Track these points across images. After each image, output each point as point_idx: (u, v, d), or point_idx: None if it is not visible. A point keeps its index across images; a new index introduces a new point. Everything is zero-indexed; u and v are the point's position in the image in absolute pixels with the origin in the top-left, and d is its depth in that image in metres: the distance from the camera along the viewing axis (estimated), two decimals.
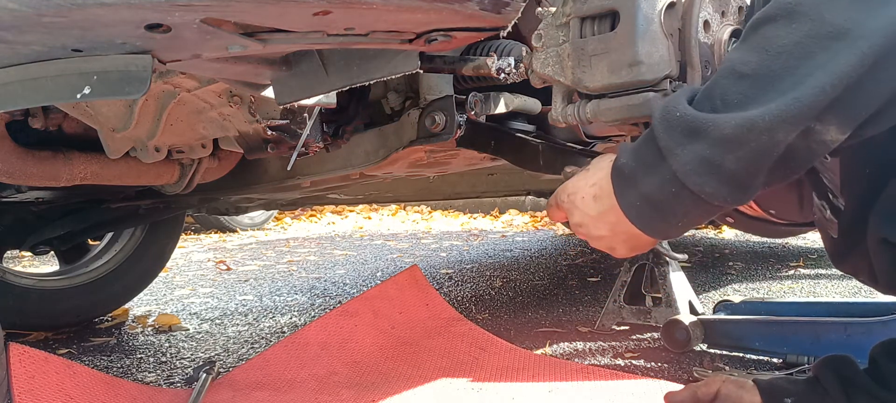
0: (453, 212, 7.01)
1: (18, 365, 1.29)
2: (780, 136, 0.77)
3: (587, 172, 0.98)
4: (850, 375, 1.11)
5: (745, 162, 0.79)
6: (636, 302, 1.98)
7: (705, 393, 1.22)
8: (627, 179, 0.89)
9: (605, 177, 0.93)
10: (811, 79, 0.76)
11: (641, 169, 0.86)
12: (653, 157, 0.85)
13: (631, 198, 0.88)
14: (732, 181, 0.80)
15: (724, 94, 0.80)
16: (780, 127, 0.76)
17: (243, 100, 1.35)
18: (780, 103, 0.76)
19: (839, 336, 1.55)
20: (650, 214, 0.87)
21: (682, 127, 0.81)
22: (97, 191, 1.99)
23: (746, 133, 0.77)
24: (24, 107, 1.22)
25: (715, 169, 0.80)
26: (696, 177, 0.81)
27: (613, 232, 0.94)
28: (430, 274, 3.25)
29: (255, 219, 5.98)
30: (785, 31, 0.78)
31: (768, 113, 0.76)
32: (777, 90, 0.77)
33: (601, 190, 0.93)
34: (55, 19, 0.81)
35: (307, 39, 0.95)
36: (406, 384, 1.55)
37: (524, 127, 1.49)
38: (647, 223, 0.89)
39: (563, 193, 1.01)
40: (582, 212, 0.97)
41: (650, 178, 0.85)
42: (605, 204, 0.93)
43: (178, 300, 2.83)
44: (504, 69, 1.14)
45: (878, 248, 0.90)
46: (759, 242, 3.93)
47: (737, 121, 0.78)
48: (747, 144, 0.78)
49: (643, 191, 0.86)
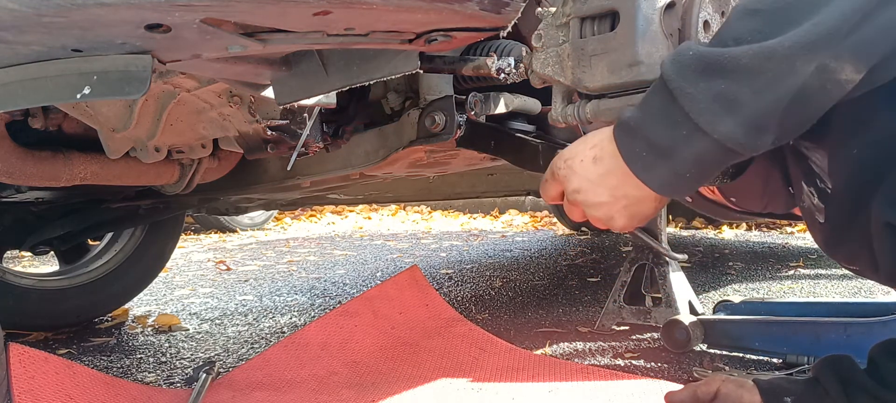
0: (453, 213, 7.01)
1: (18, 365, 1.29)
2: (798, 65, 0.74)
3: (588, 136, 0.94)
4: (850, 375, 1.11)
5: (763, 95, 0.76)
6: (636, 302, 1.98)
7: (705, 393, 1.22)
8: (633, 130, 0.84)
9: (606, 136, 0.89)
10: (828, 7, 0.74)
11: (649, 117, 0.83)
12: (662, 102, 0.81)
13: (637, 148, 0.84)
14: (748, 120, 0.77)
15: (736, 33, 0.78)
16: (799, 54, 0.74)
17: (243, 100, 1.35)
18: (799, 31, 0.74)
19: (839, 337, 1.55)
20: (657, 163, 0.83)
21: (694, 64, 0.78)
22: (97, 191, 1.99)
23: (765, 61, 0.75)
24: (24, 107, 1.22)
25: (730, 104, 0.76)
26: (711, 114, 0.77)
27: (614, 196, 0.89)
28: (430, 274, 3.25)
29: (255, 219, 5.98)
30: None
31: (787, 39, 0.74)
32: (793, 21, 0.75)
33: (602, 150, 0.89)
34: (55, 19, 0.81)
35: (307, 39, 0.95)
36: (406, 384, 1.55)
37: (524, 127, 1.49)
38: (654, 174, 0.84)
39: (560, 159, 0.95)
40: (580, 177, 0.91)
41: (659, 124, 0.81)
42: (606, 164, 0.88)
43: (178, 300, 2.83)
44: (504, 69, 1.14)
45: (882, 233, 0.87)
46: (759, 242, 3.93)
47: (755, 50, 0.75)
48: (765, 73, 0.75)
49: (650, 139, 0.82)
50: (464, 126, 1.37)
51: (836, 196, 0.92)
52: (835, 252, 0.99)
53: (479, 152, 1.47)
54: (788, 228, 4.45)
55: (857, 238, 0.91)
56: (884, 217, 0.85)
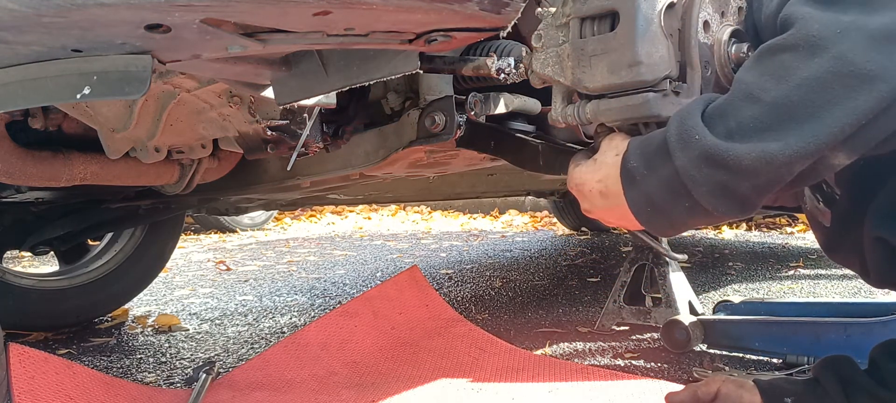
0: (453, 213, 7.01)
1: (18, 365, 1.29)
2: (796, 168, 0.81)
3: (594, 163, 1.01)
4: (849, 375, 1.11)
5: (760, 188, 0.84)
6: (636, 302, 1.98)
7: (705, 393, 1.22)
8: (638, 184, 0.92)
9: (610, 174, 0.96)
10: (830, 116, 0.78)
11: (654, 178, 0.89)
12: (667, 172, 0.87)
13: (641, 203, 0.92)
14: (744, 202, 0.85)
15: (739, 118, 0.83)
16: (797, 161, 0.80)
17: (243, 100, 1.35)
18: (799, 138, 0.79)
19: (839, 337, 1.55)
20: (658, 220, 0.92)
21: (700, 152, 0.84)
22: (97, 191, 1.99)
23: (765, 166, 0.80)
24: (23, 107, 1.22)
25: (730, 193, 0.84)
26: (712, 197, 0.85)
27: (621, 221, 0.98)
28: (430, 274, 3.25)
29: (255, 220, 5.98)
30: (805, 64, 0.79)
31: (788, 148, 0.79)
32: (795, 121, 0.79)
33: (607, 188, 0.97)
34: (55, 19, 0.81)
35: (307, 40, 0.95)
36: (406, 384, 1.55)
37: (524, 127, 1.49)
38: (655, 226, 0.94)
39: (572, 181, 1.05)
40: (590, 203, 1.02)
41: (662, 189, 0.89)
42: (612, 201, 0.96)
43: (178, 300, 2.83)
44: (504, 69, 1.14)
45: (872, 245, 0.93)
46: (759, 242, 3.93)
47: (756, 155, 0.80)
48: (765, 175, 0.82)
49: (654, 199, 0.90)
50: (464, 126, 1.36)
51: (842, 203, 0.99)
52: (832, 254, 1.06)
53: (479, 152, 1.47)
54: (788, 228, 4.45)
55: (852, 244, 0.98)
56: (875, 230, 0.92)
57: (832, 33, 0.78)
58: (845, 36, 0.77)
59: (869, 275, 1.00)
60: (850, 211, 0.98)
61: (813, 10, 0.81)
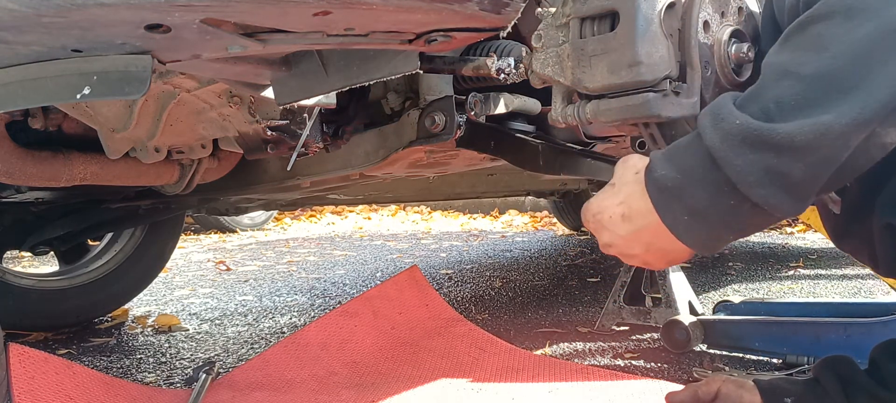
0: (453, 213, 7.01)
1: (18, 366, 1.29)
2: (852, 141, 0.74)
3: (612, 188, 0.91)
4: (850, 375, 1.11)
5: (813, 169, 0.75)
6: (636, 302, 1.98)
7: (706, 392, 1.22)
8: (672, 193, 0.82)
9: (633, 193, 0.87)
10: (880, 79, 0.73)
11: (690, 183, 0.80)
12: (703, 168, 0.79)
13: (678, 214, 0.82)
14: (797, 190, 0.76)
15: (778, 98, 0.76)
16: (855, 130, 0.73)
17: (243, 100, 1.35)
18: (854, 105, 0.73)
19: (839, 337, 1.55)
20: (701, 229, 0.82)
21: (743, 136, 0.76)
22: (97, 191, 1.99)
23: (820, 139, 0.73)
24: (23, 107, 1.22)
25: (780, 178, 0.75)
26: (761, 188, 0.76)
27: (648, 250, 0.88)
28: (430, 274, 3.25)
29: (255, 220, 5.98)
30: (844, 29, 0.74)
31: (843, 117, 0.73)
32: (841, 92, 0.73)
33: (630, 209, 0.87)
34: (55, 19, 0.81)
35: (307, 40, 0.95)
36: (406, 384, 1.55)
37: (524, 127, 1.49)
38: (697, 238, 0.83)
39: (588, 213, 0.94)
40: (611, 233, 0.91)
41: (701, 192, 0.80)
42: (637, 223, 0.87)
43: (178, 300, 2.83)
44: (504, 69, 1.14)
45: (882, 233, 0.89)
46: (759, 243, 3.93)
47: (809, 128, 0.73)
48: (819, 151, 0.74)
49: (692, 206, 0.80)
50: (464, 126, 1.36)
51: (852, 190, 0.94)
52: (842, 243, 1.01)
53: (479, 152, 1.47)
54: (788, 228, 4.45)
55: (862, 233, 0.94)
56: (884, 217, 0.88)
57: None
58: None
59: (878, 265, 0.95)
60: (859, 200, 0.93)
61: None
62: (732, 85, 1.04)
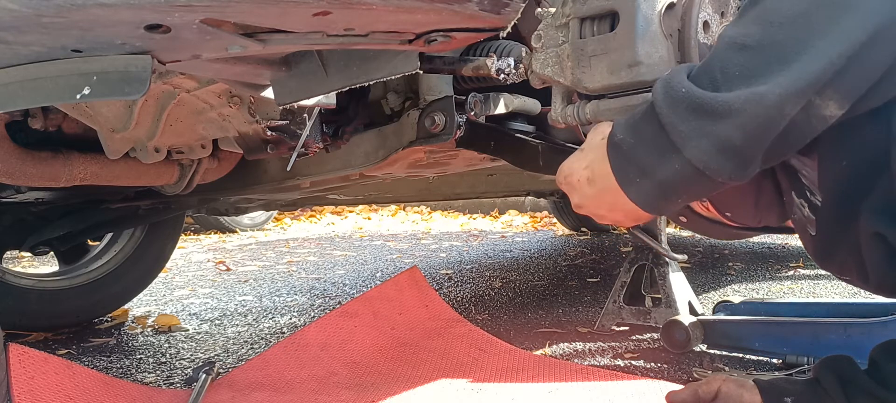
0: (453, 213, 7.01)
1: (18, 366, 1.29)
2: (787, 109, 0.77)
3: (581, 152, 0.97)
4: (849, 376, 1.11)
5: (752, 136, 0.79)
6: (636, 302, 1.98)
7: (706, 392, 1.23)
8: (626, 156, 0.88)
9: (597, 157, 0.92)
10: (816, 50, 0.76)
11: (641, 146, 0.86)
12: (654, 134, 0.84)
13: (630, 175, 0.88)
14: (737, 156, 0.80)
15: (724, 67, 0.80)
16: (788, 100, 0.77)
17: (243, 100, 1.35)
18: (788, 76, 0.76)
19: (839, 337, 1.55)
20: (650, 191, 0.87)
21: (687, 103, 0.80)
22: (97, 191, 1.99)
23: (755, 107, 0.77)
24: (23, 107, 1.22)
25: (721, 144, 0.79)
26: (702, 153, 0.80)
27: (612, 209, 0.93)
28: (430, 274, 3.25)
29: (255, 220, 5.98)
30: (788, 3, 0.77)
31: (778, 86, 0.76)
32: (782, 61, 0.77)
33: (594, 172, 0.93)
34: (55, 20, 0.81)
35: (307, 40, 0.95)
36: (405, 385, 1.55)
37: (524, 127, 1.49)
38: (646, 199, 0.88)
39: (561, 175, 1.01)
40: (579, 194, 0.97)
41: (651, 156, 0.85)
42: (599, 185, 0.92)
43: (178, 300, 2.83)
44: (503, 70, 1.14)
45: (870, 243, 0.89)
46: (759, 243, 3.93)
47: (746, 97, 0.77)
48: (756, 119, 0.78)
49: (643, 168, 0.86)
50: (463, 126, 1.36)
51: (826, 208, 0.95)
52: (826, 263, 1.01)
53: (479, 153, 1.47)
54: None
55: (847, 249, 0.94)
56: (872, 226, 0.88)
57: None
58: None
59: (868, 281, 0.95)
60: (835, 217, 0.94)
61: None
62: None
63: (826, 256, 1.00)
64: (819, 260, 1.02)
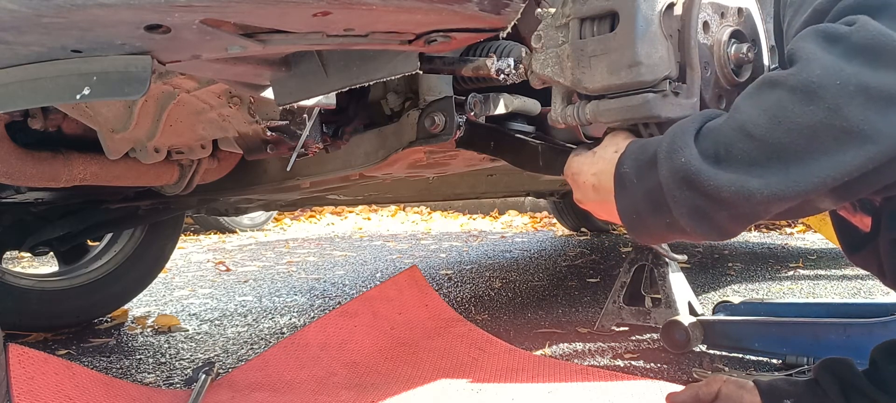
0: (453, 213, 7.01)
1: (18, 366, 1.29)
2: (774, 209, 0.81)
3: (593, 155, 1.03)
4: (849, 378, 1.11)
5: (737, 220, 0.84)
6: (636, 303, 1.98)
7: (706, 393, 1.23)
8: (628, 193, 0.93)
9: (605, 171, 0.97)
10: (816, 166, 0.77)
11: (641, 188, 0.90)
12: (652, 187, 0.88)
13: (627, 207, 0.93)
14: (721, 229, 0.86)
15: (729, 146, 0.82)
16: (775, 202, 0.79)
17: (243, 100, 1.35)
18: (781, 181, 0.78)
19: (839, 338, 1.55)
20: (640, 229, 0.93)
21: (684, 173, 0.84)
22: (97, 191, 1.98)
23: (742, 201, 0.80)
24: (23, 107, 1.22)
25: (707, 219, 0.84)
26: (689, 220, 0.85)
27: (610, 216, 0.99)
28: (430, 274, 3.25)
29: (255, 220, 5.98)
30: (800, 110, 0.77)
31: (767, 188, 0.79)
32: (781, 163, 0.79)
33: (600, 184, 0.99)
34: (55, 20, 0.81)
35: (307, 40, 0.95)
36: (405, 385, 1.55)
37: (523, 127, 1.49)
38: (637, 233, 0.95)
39: (569, 169, 1.08)
40: (583, 193, 1.04)
41: (647, 201, 0.90)
42: (603, 196, 0.99)
43: (178, 301, 2.83)
44: (503, 70, 1.14)
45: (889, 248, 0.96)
46: (759, 243, 3.93)
47: (735, 188, 0.80)
48: (741, 209, 0.81)
49: (639, 209, 0.91)
50: (463, 127, 1.36)
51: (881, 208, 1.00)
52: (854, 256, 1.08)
53: (479, 153, 1.47)
54: (788, 229, 4.45)
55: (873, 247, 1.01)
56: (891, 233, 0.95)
57: (831, 83, 0.75)
58: (844, 89, 0.75)
59: (885, 277, 1.02)
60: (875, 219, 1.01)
61: (818, 48, 0.78)
62: (732, 85, 1.04)
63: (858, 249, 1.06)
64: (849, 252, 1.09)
